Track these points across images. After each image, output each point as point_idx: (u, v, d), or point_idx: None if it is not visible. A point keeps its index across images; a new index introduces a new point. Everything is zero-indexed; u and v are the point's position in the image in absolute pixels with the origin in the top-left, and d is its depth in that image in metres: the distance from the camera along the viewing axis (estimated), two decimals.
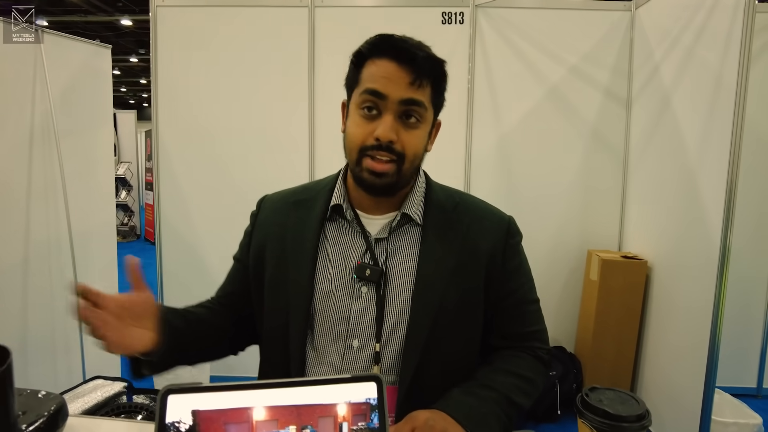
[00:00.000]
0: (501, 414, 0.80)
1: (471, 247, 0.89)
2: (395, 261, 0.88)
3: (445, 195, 0.95)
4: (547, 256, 2.75)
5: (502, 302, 0.91)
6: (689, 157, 2.15)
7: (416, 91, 0.81)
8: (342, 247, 0.90)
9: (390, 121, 0.80)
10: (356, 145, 0.83)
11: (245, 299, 0.97)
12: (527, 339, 0.93)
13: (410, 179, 0.90)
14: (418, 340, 0.84)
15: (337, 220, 0.92)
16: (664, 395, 2.29)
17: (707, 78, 2.03)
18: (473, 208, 0.94)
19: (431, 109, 0.86)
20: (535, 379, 0.88)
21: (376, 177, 0.82)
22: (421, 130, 0.84)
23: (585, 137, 2.71)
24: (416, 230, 0.90)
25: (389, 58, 0.80)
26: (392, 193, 0.88)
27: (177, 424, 0.54)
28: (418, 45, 0.82)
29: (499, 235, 0.91)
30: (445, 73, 0.86)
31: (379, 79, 0.80)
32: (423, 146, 0.87)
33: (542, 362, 0.92)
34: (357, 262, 0.88)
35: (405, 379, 0.84)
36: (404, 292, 0.86)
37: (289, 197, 0.98)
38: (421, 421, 0.72)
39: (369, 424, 0.56)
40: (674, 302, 2.27)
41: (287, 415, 0.55)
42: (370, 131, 0.81)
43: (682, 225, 2.20)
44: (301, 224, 0.92)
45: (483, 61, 2.65)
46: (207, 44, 2.64)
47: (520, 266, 0.94)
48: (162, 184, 2.73)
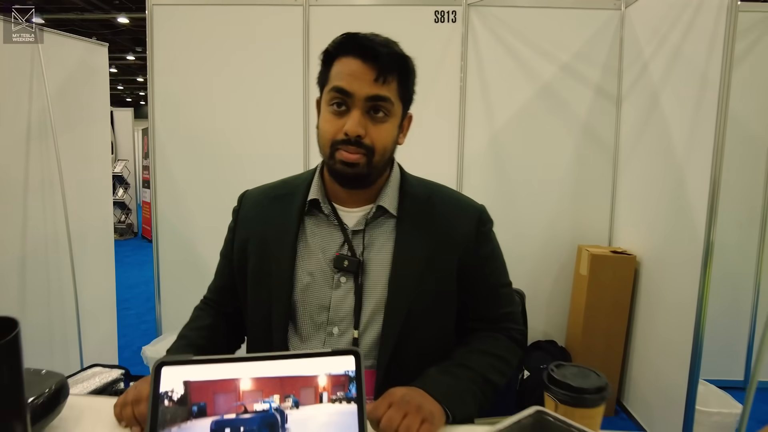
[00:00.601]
0: (477, 391, 0.84)
1: (444, 236, 0.93)
2: (372, 252, 0.92)
3: (419, 187, 0.99)
4: (538, 251, 2.79)
5: (475, 287, 0.95)
6: (676, 153, 2.19)
7: (381, 87, 0.84)
8: (320, 239, 0.94)
9: (357, 116, 0.84)
10: (327, 140, 0.87)
11: (234, 293, 1.02)
12: (501, 320, 0.98)
13: (382, 171, 0.93)
14: (395, 326, 0.88)
15: (315, 214, 0.96)
16: (651, 386, 2.34)
17: (693, 76, 2.06)
18: (446, 199, 0.99)
19: (399, 104, 0.89)
20: (508, 358, 0.93)
21: (348, 167, 0.86)
22: (389, 123, 0.88)
23: (576, 134, 2.74)
24: (391, 222, 0.94)
25: (354, 56, 0.84)
26: (365, 185, 0.92)
27: (170, 393, 0.58)
28: (383, 42, 0.86)
29: (471, 223, 0.95)
30: (410, 68, 0.90)
31: (346, 77, 0.84)
32: (392, 139, 0.90)
33: (516, 342, 0.97)
34: (335, 253, 0.92)
35: (382, 363, 0.88)
36: (381, 282, 0.90)
37: (269, 192, 1.02)
38: (398, 396, 0.76)
39: (347, 394, 0.61)
40: (661, 296, 2.31)
41: (271, 386, 0.60)
42: (340, 127, 0.85)
43: (669, 220, 2.24)
44: (281, 219, 0.96)
45: (475, 58, 2.68)
46: (203, 42, 2.66)
47: (492, 252, 0.98)
48: (159, 181, 2.75)
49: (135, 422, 0.74)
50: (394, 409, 0.73)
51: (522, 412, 0.58)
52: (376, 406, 0.74)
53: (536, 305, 2.80)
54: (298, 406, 0.60)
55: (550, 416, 0.58)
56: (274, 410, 0.59)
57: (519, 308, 1.02)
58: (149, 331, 3.76)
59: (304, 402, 0.60)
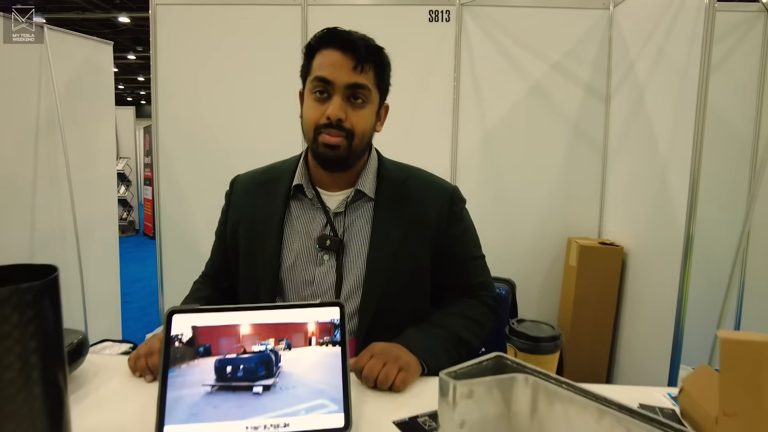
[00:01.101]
0: (449, 347, 0.94)
1: (418, 217, 1.02)
2: (352, 232, 1.02)
3: (396, 171, 1.08)
4: (530, 244, 2.86)
5: (449, 261, 1.05)
6: (660, 149, 2.27)
7: (359, 75, 0.94)
8: (305, 221, 1.03)
9: (338, 101, 0.94)
10: (311, 125, 0.97)
11: (228, 270, 1.12)
12: (474, 289, 1.07)
13: (361, 155, 1.03)
14: (372, 300, 0.98)
15: (300, 198, 1.06)
16: (637, 370, 2.42)
17: (675, 75, 2.13)
18: (421, 181, 1.08)
19: (376, 92, 0.99)
20: (480, 320, 1.03)
21: (330, 149, 0.95)
22: (367, 109, 0.98)
23: (567, 131, 2.79)
24: (370, 204, 1.04)
25: (335, 48, 0.94)
26: (345, 167, 1.01)
27: (179, 336, 0.68)
28: (361, 36, 0.96)
29: (443, 204, 1.05)
30: (386, 60, 1.00)
31: (327, 67, 0.94)
32: (371, 124, 1.00)
33: (488, 307, 1.06)
34: (319, 234, 1.01)
35: (361, 331, 0.98)
36: (360, 259, 1.00)
37: (257, 177, 1.12)
38: (378, 349, 0.86)
39: (332, 338, 0.70)
40: (646, 285, 2.38)
41: (267, 331, 0.69)
42: (322, 112, 0.95)
43: (653, 213, 2.31)
44: (268, 203, 1.06)
45: (468, 57, 2.74)
46: (205, 41, 2.73)
47: (465, 230, 1.08)
48: (162, 178, 2.80)
49: (148, 372, 0.84)
50: (374, 360, 0.83)
51: (483, 356, 0.67)
52: (359, 357, 0.84)
53: (528, 295, 2.87)
54: (290, 348, 0.70)
55: (508, 360, 0.67)
56: (270, 351, 0.69)
57: (490, 278, 1.11)
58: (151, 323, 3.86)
59: (296, 345, 0.70)
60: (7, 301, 0.50)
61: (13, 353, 0.50)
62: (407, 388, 0.83)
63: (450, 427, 0.60)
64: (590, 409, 0.54)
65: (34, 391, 0.52)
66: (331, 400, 0.67)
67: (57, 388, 0.55)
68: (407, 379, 0.83)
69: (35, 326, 0.52)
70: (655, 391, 0.82)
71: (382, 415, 0.74)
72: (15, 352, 0.50)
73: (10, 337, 0.50)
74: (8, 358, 0.50)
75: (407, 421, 0.72)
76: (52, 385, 0.54)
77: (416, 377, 0.86)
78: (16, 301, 0.50)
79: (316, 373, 0.68)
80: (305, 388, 0.67)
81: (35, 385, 0.52)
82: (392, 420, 0.72)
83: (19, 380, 0.51)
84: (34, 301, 0.52)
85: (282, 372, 0.68)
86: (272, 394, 0.67)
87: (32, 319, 0.51)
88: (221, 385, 0.67)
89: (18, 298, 0.50)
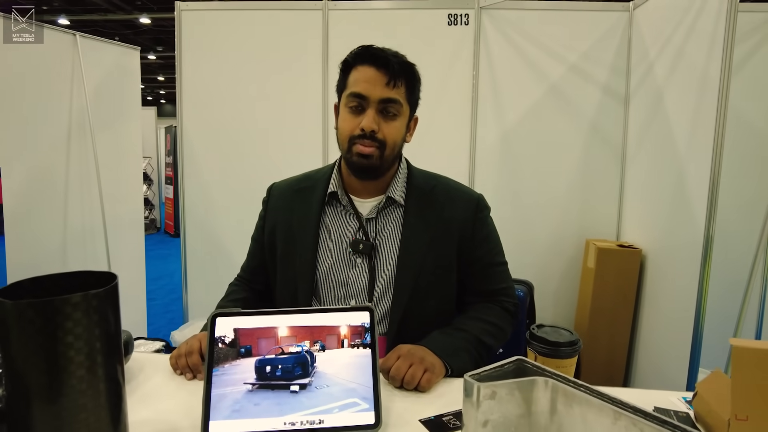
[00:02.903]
0: (471, 350, 0.99)
1: (445, 222, 1.08)
2: (383, 237, 1.08)
3: (424, 179, 1.14)
4: (547, 245, 2.87)
5: (472, 266, 1.10)
6: (678, 151, 2.26)
7: (392, 90, 1.00)
8: (339, 226, 1.10)
9: (372, 114, 1.00)
10: (346, 136, 1.03)
11: (264, 273, 1.18)
12: (495, 294, 1.12)
13: (392, 164, 1.09)
14: (402, 300, 1.04)
15: (334, 205, 1.12)
16: (655, 374, 2.42)
17: (694, 76, 2.13)
18: (448, 189, 1.14)
19: (407, 105, 1.05)
20: (500, 324, 1.07)
21: (363, 159, 1.01)
22: (399, 122, 1.04)
23: (585, 133, 2.79)
24: (399, 210, 1.10)
25: (369, 64, 1.00)
26: (377, 176, 1.07)
27: (223, 338, 0.73)
28: (393, 53, 1.02)
29: (469, 210, 1.10)
30: (416, 75, 1.05)
31: (362, 83, 1.00)
32: (401, 136, 1.06)
33: (508, 312, 1.11)
34: (352, 238, 1.07)
35: (392, 330, 1.03)
36: (390, 262, 1.06)
37: (293, 185, 1.18)
38: (405, 350, 0.91)
39: (363, 341, 0.75)
40: (665, 288, 2.38)
41: (303, 333, 0.75)
42: (357, 124, 1.01)
43: (671, 215, 2.30)
44: (305, 209, 1.12)
45: (487, 60, 2.76)
46: (227, 45, 2.79)
47: (488, 235, 1.13)
48: (186, 177, 2.87)
49: (188, 370, 0.90)
50: (401, 360, 0.88)
51: (504, 360, 0.71)
52: (387, 358, 0.90)
53: (544, 297, 2.88)
54: (324, 350, 0.76)
55: (529, 363, 0.71)
56: (305, 352, 0.75)
57: (512, 284, 1.16)
58: (175, 319, 3.94)
59: (329, 346, 0.76)
60: (78, 306, 0.55)
61: (83, 353, 0.56)
62: (432, 388, 0.88)
63: (474, 426, 0.65)
64: (606, 411, 0.58)
65: (99, 387, 0.58)
66: (362, 398, 0.72)
67: (117, 384, 0.61)
68: (432, 380, 0.88)
69: (100, 329, 0.58)
70: (671, 395, 0.86)
71: (409, 413, 0.79)
72: (84, 352, 0.56)
73: (80, 338, 0.55)
74: (79, 357, 0.56)
75: (433, 420, 0.77)
76: (113, 381, 0.60)
77: (440, 378, 0.91)
78: (85, 306, 0.56)
79: (348, 373, 0.73)
80: (338, 387, 0.73)
81: (100, 381, 0.58)
82: (419, 418, 0.77)
83: (88, 377, 0.57)
84: (100, 305, 0.57)
85: (317, 372, 0.73)
86: (308, 392, 0.72)
87: (98, 322, 0.57)
88: (261, 384, 0.72)
89: (87, 303, 0.56)
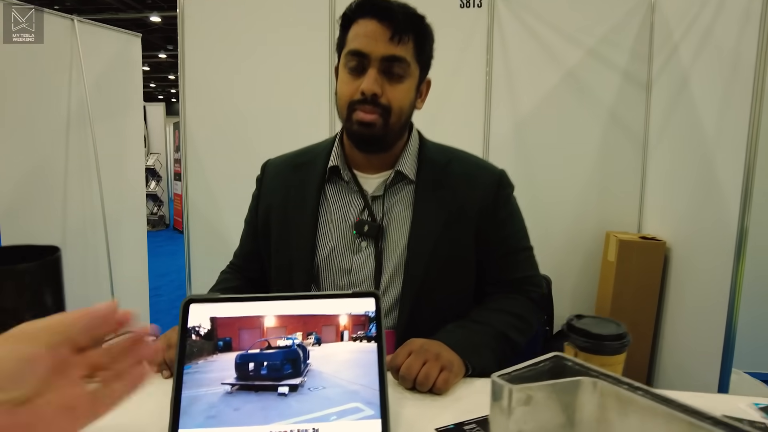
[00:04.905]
0: (495, 346, 0.85)
1: (462, 201, 0.93)
2: (391, 217, 0.94)
3: (438, 152, 0.99)
4: (565, 238, 2.75)
5: (494, 251, 0.96)
6: (706, 136, 2.14)
7: (397, 46, 0.85)
8: (341, 206, 0.96)
9: (373, 75, 0.85)
10: (345, 101, 0.88)
11: (258, 259, 1.05)
12: (520, 284, 0.98)
13: (399, 134, 0.94)
14: (413, 288, 0.90)
15: (335, 182, 0.98)
16: (682, 374, 2.29)
17: (725, 57, 2.01)
18: (465, 164, 0.99)
19: (416, 65, 0.90)
20: (527, 317, 0.93)
21: (364, 127, 0.87)
22: (406, 84, 0.88)
23: (603, 121, 2.68)
24: (410, 187, 0.95)
25: (371, 16, 0.85)
26: (382, 147, 0.93)
27: (197, 328, 0.61)
28: (400, 4, 0.87)
29: (490, 187, 0.96)
30: (427, 30, 0.90)
31: (362, 39, 0.85)
32: (409, 101, 0.91)
33: (535, 303, 0.97)
34: (356, 219, 0.93)
35: (401, 323, 0.90)
36: (400, 246, 0.92)
37: (290, 161, 1.05)
38: (417, 345, 0.77)
39: (367, 333, 0.62)
40: (693, 283, 2.26)
41: (294, 324, 0.62)
42: (357, 87, 0.86)
43: (700, 206, 2.18)
44: (302, 187, 0.98)
45: (501, 44, 2.65)
46: (231, 35, 2.71)
47: (512, 216, 0.99)
48: (189, 172, 2.80)
49: (166, 366, 0.78)
50: (413, 357, 0.74)
51: (540, 357, 0.58)
52: (396, 354, 0.76)
53: (562, 292, 2.76)
54: (320, 343, 0.62)
55: (569, 360, 0.58)
56: (297, 346, 0.61)
57: (538, 272, 1.02)
58: None
59: (326, 339, 0.62)
60: None
61: None
62: (450, 390, 0.75)
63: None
64: (677, 423, 0.45)
65: None
66: (366, 403, 0.59)
67: None
68: (450, 380, 0.74)
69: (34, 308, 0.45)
70: (737, 401, 0.72)
71: (423, 420, 0.66)
72: None
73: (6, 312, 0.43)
74: None
75: (452, 429, 0.64)
76: None
77: (459, 378, 0.78)
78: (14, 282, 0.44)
79: (350, 372, 0.61)
80: (337, 389, 0.60)
81: None
82: (435, 427, 0.64)
83: None
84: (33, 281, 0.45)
85: (311, 370, 0.61)
86: (299, 395, 0.59)
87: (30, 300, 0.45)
88: (242, 384, 0.60)
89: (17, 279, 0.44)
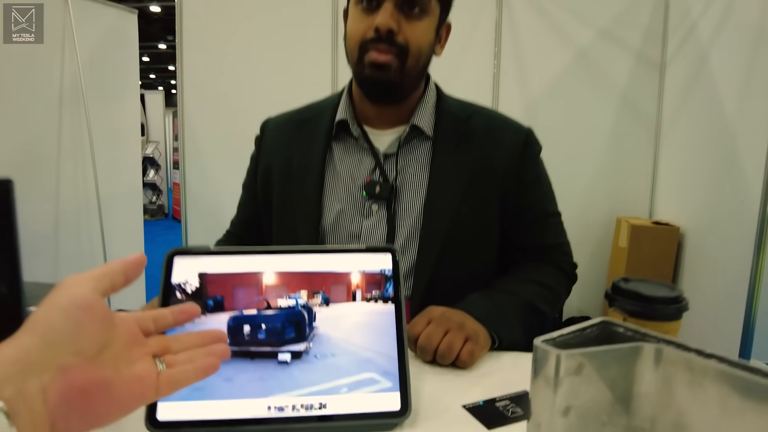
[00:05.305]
0: (523, 317, 0.76)
1: (485, 159, 0.84)
2: (406, 177, 0.84)
3: (458, 106, 0.90)
4: (574, 224, 2.63)
5: (520, 215, 0.87)
6: (725, 118, 2.06)
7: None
8: (350, 165, 0.87)
9: (390, 8, 0.75)
10: (356, 41, 0.78)
11: (258, 226, 0.96)
12: (548, 252, 0.90)
13: (416, 82, 0.84)
14: (430, 256, 0.81)
15: (343, 138, 0.89)
16: None
17: (747, 33, 1.93)
18: (488, 120, 0.89)
19: (436, 2, 0.80)
20: (556, 288, 0.85)
21: (378, 70, 0.76)
22: (426, 22, 0.79)
23: (615, 103, 2.62)
24: (427, 144, 0.86)
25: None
26: (397, 97, 0.83)
27: (183, 285, 0.52)
28: None
29: (517, 146, 0.86)
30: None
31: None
32: (428, 42, 0.81)
33: (565, 274, 0.88)
34: (366, 179, 0.84)
35: (417, 294, 0.81)
36: (415, 209, 0.83)
37: (293, 117, 0.96)
38: (438, 313, 0.69)
39: (384, 293, 0.53)
40: (708, 270, 2.19)
41: (298, 281, 0.53)
42: (370, 24, 0.76)
43: (718, 191, 2.11)
44: (307, 144, 0.89)
45: (509, 24, 2.57)
46: (230, 25, 2.66)
47: (539, 178, 0.90)
48: (187, 161, 2.77)
49: None
50: (433, 326, 0.65)
51: (586, 322, 0.49)
52: (414, 323, 0.67)
53: None
54: (328, 304, 0.53)
55: (620, 326, 0.49)
56: (301, 307, 0.52)
57: (567, 240, 0.94)
58: None
59: (335, 299, 0.53)
60: None
61: None
62: (474, 364, 0.66)
63: (548, 417, 0.43)
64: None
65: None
66: (382, 373, 0.50)
67: None
68: (475, 352, 0.65)
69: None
70: None
71: (448, 396, 0.57)
72: None
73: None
74: None
75: (482, 406, 0.54)
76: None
77: (485, 351, 0.68)
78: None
79: (363, 338, 0.52)
80: (348, 357, 0.51)
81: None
82: (462, 404, 0.55)
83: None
84: None
85: (317, 335, 0.52)
86: (304, 363, 0.50)
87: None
88: (236, 351, 0.51)
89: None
